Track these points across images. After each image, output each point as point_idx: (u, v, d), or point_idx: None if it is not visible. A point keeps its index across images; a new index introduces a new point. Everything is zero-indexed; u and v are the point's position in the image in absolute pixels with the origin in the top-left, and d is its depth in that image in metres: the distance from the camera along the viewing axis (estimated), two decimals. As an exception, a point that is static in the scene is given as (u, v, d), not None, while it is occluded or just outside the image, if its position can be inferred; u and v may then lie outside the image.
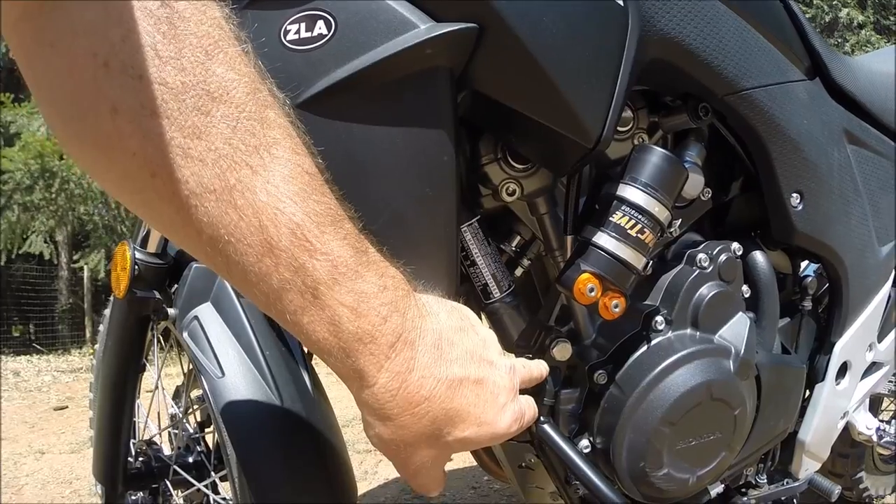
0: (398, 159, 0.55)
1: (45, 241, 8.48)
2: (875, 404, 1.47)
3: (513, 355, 0.69)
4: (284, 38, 0.54)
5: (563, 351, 0.72)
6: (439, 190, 0.57)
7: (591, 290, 0.62)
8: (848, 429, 1.15)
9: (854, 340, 1.01)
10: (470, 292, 0.70)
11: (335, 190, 0.49)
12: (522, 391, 0.62)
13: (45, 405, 3.67)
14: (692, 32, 0.68)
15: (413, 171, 0.56)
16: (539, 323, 0.72)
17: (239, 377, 0.78)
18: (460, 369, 0.54)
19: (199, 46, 0.40)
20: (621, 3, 0.61)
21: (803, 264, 0.98)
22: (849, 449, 1.45)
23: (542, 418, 0.73)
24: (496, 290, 0.68)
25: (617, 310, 0.64)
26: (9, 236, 7.97)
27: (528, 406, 0.62)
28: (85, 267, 8.61)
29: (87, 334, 8.22)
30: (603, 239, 0.62)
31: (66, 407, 3.59)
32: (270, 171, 0.43)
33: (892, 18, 10.21)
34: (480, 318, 0.69)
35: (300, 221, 0.44)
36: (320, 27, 0.54)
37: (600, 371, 0.73)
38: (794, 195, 0.83)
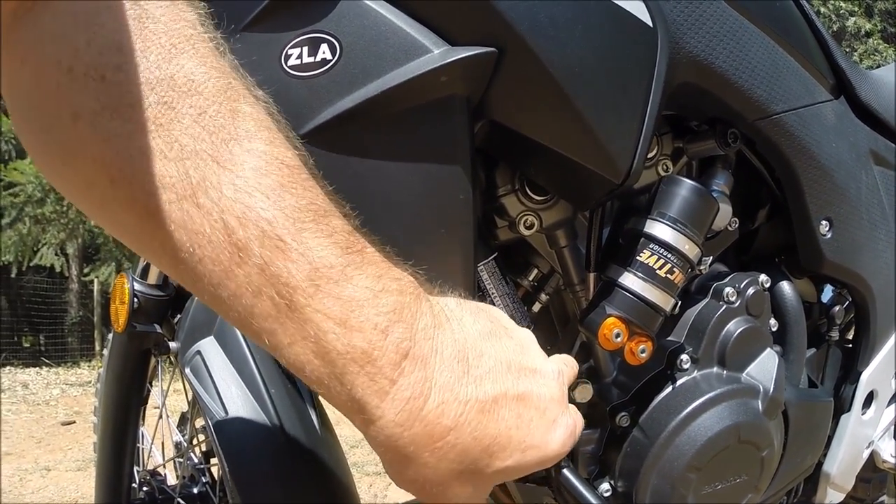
0: (410, 198, 0.51)
1: (56, 254, 8.52)
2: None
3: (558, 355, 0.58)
4: (285, 63, 0.49)
5: (583, 392, 0.67)
6: (455, 231, 0.52)
7: (618, 335, 0.57)
8: (872, 456, 1.12)
9: (881, 368, 0.98)
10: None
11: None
12: None
13: (53, 419, 3.65)
14: (722, 53, 0.64)
15: (427, 210, 0.51)
16: (558, 362, 0.68)
17: (242, 416, 0.75)
18: (494, 386, 0.44)
19: (168, 44, 0.37)
20: (650, 23, 0.57)
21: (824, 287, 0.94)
22: (871, 474, 1.41)
23: (561, 463, 0.69)
24: (514, 332, 0.64)
25: (644, 355, 0.59)
26: (20, 248, 8.00)
27: (577, 417, 0.52)
28: (95, 280, 8.65)
29: (97, 347, 8.24)
30: (629, 280, 0.58)
31: (74, 422, 3.57)
32: (241, 165, 0.38)
33: (899, 26, 10.19)
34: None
35: (272, 217, 0.38)
36: (324, 51, 0.49)
37: (623, 413, 0.69)
38: (824, 222, 0.79)
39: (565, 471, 0.68)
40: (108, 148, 0.36)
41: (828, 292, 0.95)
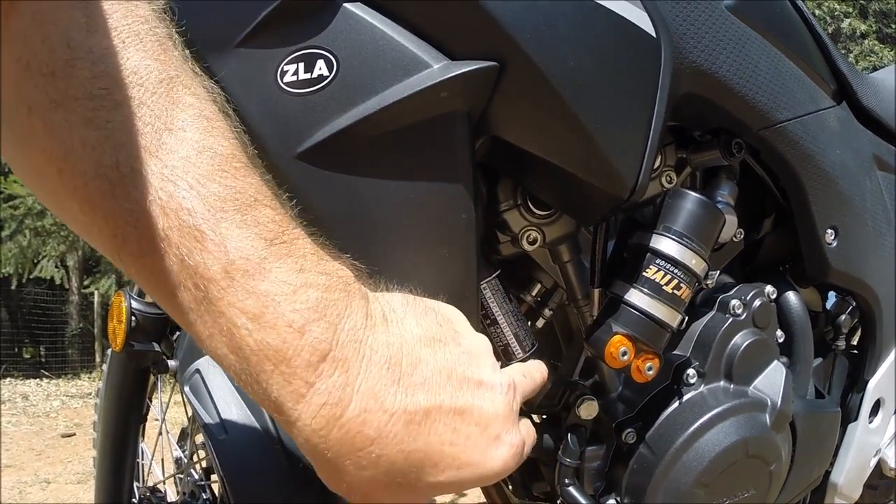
0: (410, 218, 0.49)
1: (56, 266, 8.53)
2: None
3: (519, 363, 0.56)
4: (281, 79, 0.48)
5: (589, 409, 0.66)
6: (457, 250, 0.51)
7: (624, 353, 0.56)
8: (879, 464, 1.11)
9: (888, 376, 0.97)
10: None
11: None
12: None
13: (53, 431, 3.63)
14: (725, 62, 0.63)
15: (428, 230, 0.50)
16: (562, 379, 0.67)
17: (242, 436, 0.73)
18: (428, 397, 0.41)
19: (117, 39, 0.37)
20: (653, 34, 0.56)
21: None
22: (878, 481, 1.40)
23: (566, 480, 0.68)
24: (519, 351, 0.62)
25: (651, 372, 0.58)
26: (20, 260, 8.01)
27: (528, 433, 0.49)
28: (95, 292, 8.64)
29: (97, 359, 8.22)
30: (635, 296, 0.57)
31: (74, 434, 3.55)
32: (171, 154, 0.37)
33: (893, 27, 10.18)
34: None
35: (192, 207, 0.36)
36: (321, 67, 0.48)
37: (629, 430, 0.67)
38: (829, 231, 0.78)
39: (570, 487, 0.67)
40: (54, 139, 0.36)
41: (832, 298, 0.94)
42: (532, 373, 0.53)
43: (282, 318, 0.37)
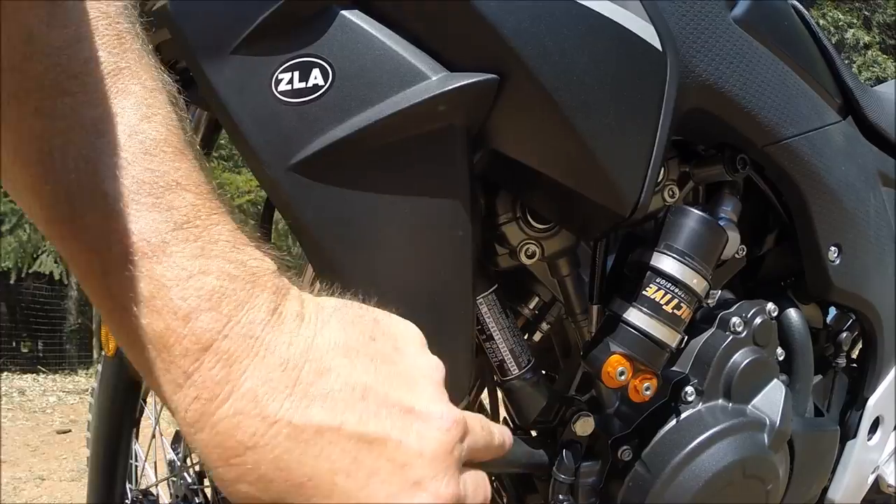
0: (405, 233, 0.48)
1: (56, 261, 8.51)
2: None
3: (477, 414, 0.44)
4: (276, 88, 0.47)
5: (585, 426, 0.65)
6: (453, 268, 0.49)
7: (622, 373, 0.55)
8: (877, 481, 1.10)
9: (888, 394, 0.96)
10: (485, 366, 0.63)
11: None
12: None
13: (49, 427, 3.62)
14: (732, 77, 0.62)
15: (423, 246, 0.48)
16: (558, 395, 0.66)
17: None
18: (326, 413, 0.35)
19: (74, 33, 0.36)
20: (659, 47, 0.55)
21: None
22: (875, 496, 1.40)
23: (560, 496, 0.67)
24: (514, 367, 0.61)
25: (648, 392, 0.57)
26: (19, 255, 7.99)
27: (477, 489, 0.40)
28: (94, 288, 8.57)
29: (95, 355, 8.19)
30: (634, 315, 0.56)
31: (70, 430, 3.53)
32: (102, 138, 0.36)
33: (897, 38, 10.18)
34: (496, 395, 0.63)
35: (107, 189, 0.35)
36: (316, 77, 0.47)
37: (625, 447, 0.66)
38: (833, 249, 0.77)
39: (564, 503, 0.66)
40: (9, 132, 0.36)
41: (832, 312, 0.93)
42: (493, 431, 0.43)
43: (169, 304, 0.35)
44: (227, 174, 6.07)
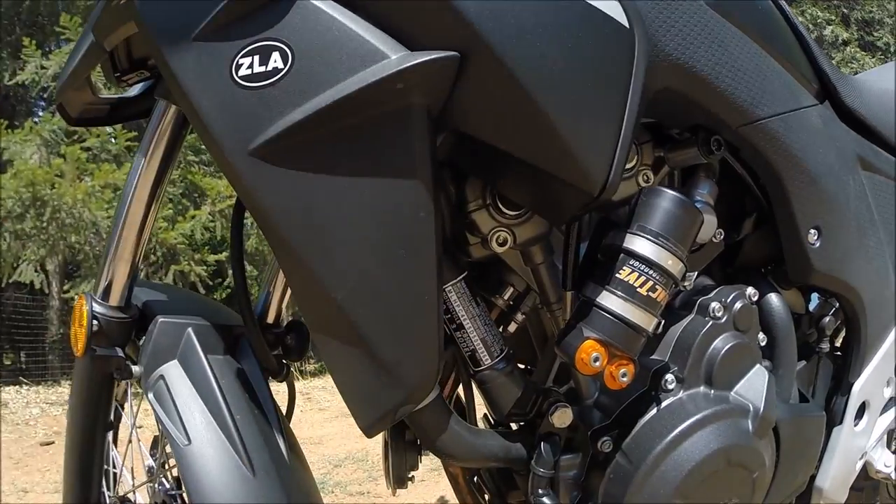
0: (366, 216, 0.47)
1: (36, 271, 8.44)
2: (891, 438, 1.41)
3: None
4: (236, 73, 0.47)
5: (563, 417, 0.64)
6: (416, 251, 0.48)
7: (596, 359, 0.54)
8: (865, 467, 1.09)
9: (873, 378, 0.95)
10: (457, 356, 0.61)
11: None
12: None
13: (32, 439, 3.57)
14: (703, 56, 0.61)
15: (384, 229, 0.47)
16: (535, 386, 0.64)
17: (206, 445, 0.71)
18: None
19: None
20: (626, 24, 0.54)
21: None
22: (863, 482, 1.39)
23: (540, 490, 0.66)
24: (486, 357, 0.60)
25: (625, 378, 0.56)
26: (-1, 264, 7.91)
27: None
28: (76, 297, 8.49)
29: (78, 366, 8.11)
30: (608, 299, 0.54)
31: (53, 442, 3.49)
32: None
33: (875, 35, 10.26)
34: (471, 390, 0.61)
35: None
36: (276, 60, 0.46)
37: (605, 438, 0.65)
38: (812, 231, 0.76)
39: (544, 498, 0.65)
40: None
41: (815, 299, 0.92)
42: None
43: None
44: (207, 179, 6.02)
